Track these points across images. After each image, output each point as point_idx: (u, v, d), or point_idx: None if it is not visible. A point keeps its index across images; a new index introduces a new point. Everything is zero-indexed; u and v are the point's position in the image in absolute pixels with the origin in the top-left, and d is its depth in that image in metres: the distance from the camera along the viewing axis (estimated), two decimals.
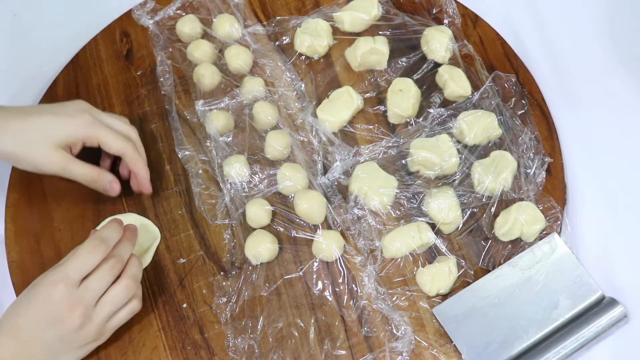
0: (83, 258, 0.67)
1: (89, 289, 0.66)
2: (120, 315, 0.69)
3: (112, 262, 0.68)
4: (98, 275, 0.67)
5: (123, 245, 0.70)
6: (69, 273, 0.66)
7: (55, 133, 0.73)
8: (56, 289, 0.65)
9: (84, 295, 0.66)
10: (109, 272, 0.68)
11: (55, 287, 0.65)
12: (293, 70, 0.85)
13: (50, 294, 0.65)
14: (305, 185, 0.78)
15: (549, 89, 0.83)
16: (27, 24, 0.96)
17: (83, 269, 0.66)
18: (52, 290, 0.65)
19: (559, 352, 0.68)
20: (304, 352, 0.71)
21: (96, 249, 0.67)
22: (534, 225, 0.73)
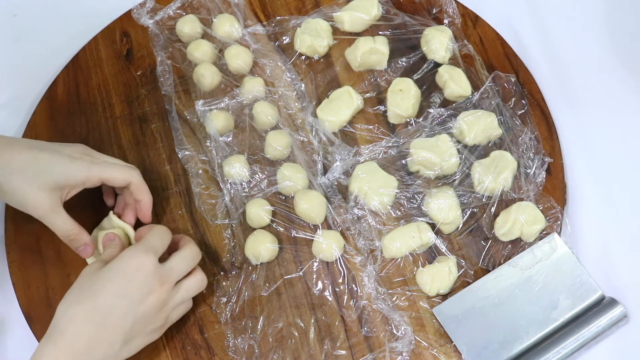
0: (161, 236, 0.67)
1: (173, 269, 0.66)
2: (179, 310, 0.69)
3: (194, 252, 0.69)
4: (181, 257, 0.67)
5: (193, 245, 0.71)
6: (155, 246, 0.66)
7: (53, 173, 0.70)
8: (148, 258, 0.64)
9: (170, 273, 0.66)
10: (192, 258, 0.68)
11: (147, 256, 0.64)
12: (293, 70, 0.85)
13: (143, 264, 0.64)
14: (305, 185, 0.78)
15: (549, 89, 0.83)
16: (27, 24, 0.96)
17: (162, 246, 0.67)
18: (144, 260, 0.64)
19: (559, 352, 0.68)
20: (304, 352, 0.71)
21: (166, 231, 0.69)
22: (534, 225, 0.73)
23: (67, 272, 0.77)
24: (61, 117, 0.86)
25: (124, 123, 0.85)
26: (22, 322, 0.75)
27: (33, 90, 0.90)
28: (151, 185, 0.81)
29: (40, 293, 0.76)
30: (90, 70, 0.89)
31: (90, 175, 0.72)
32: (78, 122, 0.86)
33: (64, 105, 0.87)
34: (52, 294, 0.76)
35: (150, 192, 0.76)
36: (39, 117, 0.87)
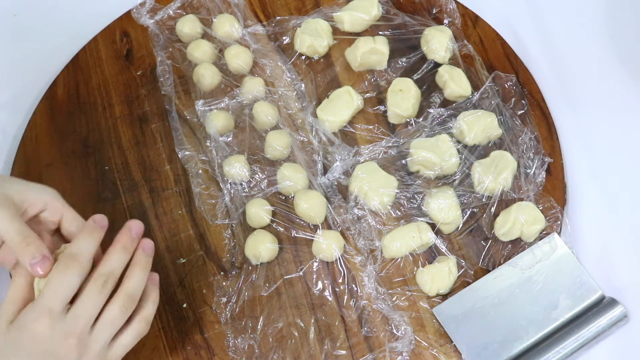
0: (57, 282, 0.57)
1: (79, 316, 0.57)
2: (123, 341, 0.60)
3: (101, 280, 0.58)
4: (85, 298, 0.58)
5: (112, 257, 0.60)
6: (48, 303, 0.57)
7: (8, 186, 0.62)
8: (39, 324, 0.56)
9: (74, 323, 0.57)
10: (99, 292, 0.58)
11: (38, 323, 0.56)
12: (293, 70, 0.85)
13: (34, 333, 0.56)
14: (305, 185, 0.78)
15: (549, 89, 0.83)
16: (27, 24, 0.96)
17: (62, 295, 0.57)
18: (35, 328, 0.56)
19: (559, 352, 0.68)
20: (304, 352, 0.71)
21: (68, 268, 0.57)
22: (534, 225, 0.73)
23: None
24: (61, 117, 0.86)
25: (124, 123, 0.85)
26: None
27: (33, 90, 0.90)
28: (151, 185, 0.81)
29: None
30: (90, 70, 0.89)
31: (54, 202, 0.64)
32: (78, 122, 0.86)
33: (64, 105, 0.87)
34: None
35: None
36: (39, 117, 0.87)
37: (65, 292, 0.57)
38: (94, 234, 0.61)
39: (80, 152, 0.84)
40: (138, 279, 0.61)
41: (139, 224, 0.63)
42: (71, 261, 0.58)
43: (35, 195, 0.63)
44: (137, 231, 0.63)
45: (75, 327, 0.57)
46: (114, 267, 0.60)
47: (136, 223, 0.63)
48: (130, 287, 0.60)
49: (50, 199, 0.64)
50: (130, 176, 0.82)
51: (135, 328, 0.61)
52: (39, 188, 0.65)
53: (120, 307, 0.59)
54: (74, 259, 0.58)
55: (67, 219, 0.65)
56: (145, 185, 0.81)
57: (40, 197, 0.64)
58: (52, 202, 0.64)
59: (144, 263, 0.62)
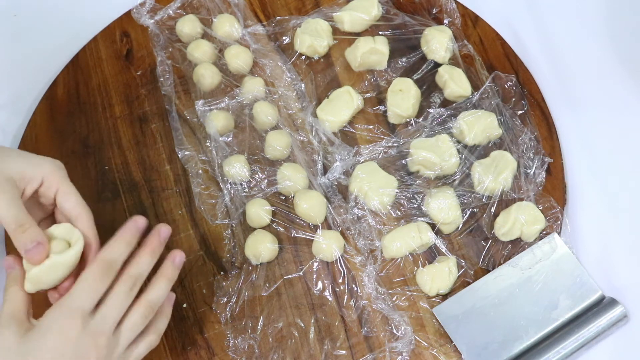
0: (91, 285, 0.58)
1: (107, 316, 0.58)
2: (138, 350, 0.61)
3: (129, 283, 0.59)
4: (114, 300, 0.59)
5: (141, 261, 0.61)
6: (81, 304, 0.57)
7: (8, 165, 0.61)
8: (72, 324, 0.57)
9: (103, 324, 0.58)
10: (127, 295, 0.59)
11: (70, 323, 0.57)
12: (293, 70, 0.85)
13: (66, 332, 0.57)
14: (305, 185, 0.78)
15: (549, 89, 0.83)
16: (27, 24, 0.96)
17: (94, 297, 0.58)
18: (66, 328, 0.57)
19: (559, 352, 0.68)
20: (304, 352, 0.71)
21: (105, 274, 0.59)
22: (534, 225, 0.73)
23: None
24: (61, 117, 0.86)
25: (124, 123, 0.85)
26: None
27: (33, 90, 0.90)
28: (151, 185, 0.81)
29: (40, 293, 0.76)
30: (90, 70, 0.89)
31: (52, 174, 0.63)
32: (78, 122, 0.86)
33: (64, 105, 0.87)
34: None
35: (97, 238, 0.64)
36: (39, 117, 0.87)
37: (97, 295, 0.58)
38: (131, 240, 0.61)
39: (80, 152, 0.84)
40: (162, 290, 0.62)
41: (168, 228, 0.64)
42: (108, 268, 0.59)
43: (33, 171, 0.63)
44: (165, 235, 0.63)
45: (104, 327, 0.58)
46: (142, 270, 0.61)
47: (165, 227, 0.64)
48: (154, 296, 0.61)
49: (48, 172, 0.63)
50: (130, 176, 0.82)
51: (149, 339, 0.62)
52: (39, 162, 0.64)
53: (141, 314, 0.60)
54: (111, 267, 0.59)
55: (61, 194, 0.64)
56: (145, 185, 0.81)
57: (39, 171, 0.63)
58: (48, 176, 0.63)
59: (171, 275, 0.63)
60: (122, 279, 0.60)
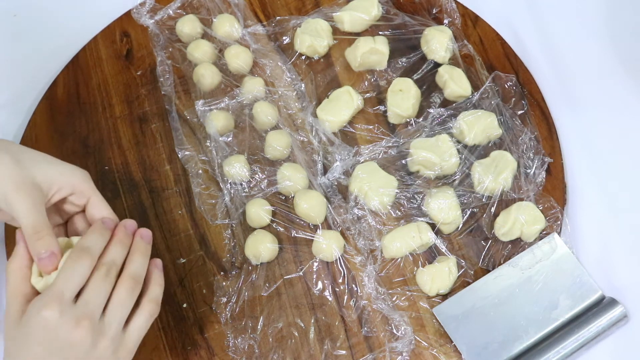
0: (67, 272, 0.58)
1: (88, 302, 0.58)
2: (136, 323, 0.61)
3: (104, 269, 0.60)
4: (92, 285, 0.59)
5: (112, 249, 0.61)
6: (59, 292, 0.57)
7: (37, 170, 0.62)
8: (50, 313, 0.56)
9: (85, 309, 0.58)
10: (104, 280, 0.59)
11: (48, 311, 0.56)
12: (293, 70, 0.85)
13: (45, 322, 0.56)
14: (305, 185, 0.78)
15: (549, 89, 0.83)
16: (27, 24, 0.96)
17: (72, 283, 0.58)
18: (46, 317, 0.56)
19: (559, 352, 0.68)
20: (304, 352, 0.71)
21: (80, 259, 0.59)
22: (534, 225, 0.73)
23: None
24: (61, 117, 0.86)
25: (124, 123, 0.85)
26: None
27: (33, 90, 0.90)
28: (151, 186, 0.81)
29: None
30: (90, 70, 0.89)
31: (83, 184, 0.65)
32: (78, 122, 0.86)
33: (64, 105, 0.87)
34: None
35: None
36: (39, 117, 0.87)
37: (76, 281, 0.58)
38: (104, 232, 0.62)
39: (80, 152, 0.84)
40: (138, 262, 0.62)
41: (133, 222, 0.65)
42: (83, 253, 0.59)
43: (64, 179, 0.64)
44: (131, 228, 0.64)
45: (85, 312, 0.58)
46: (115, 257, 0.61)
47: (130, 221, 0.64)
48: (132, 269, 0.61)
49: (79, 182, 0.65)
50: (130, 176, 0.82)
51: (146, 309, 0.62)
52: (69, 171, 0.65)
53: (126, 289, 0.60)
54: (86, 252, 0.59)
55: (93, 204, 0.65)
56: (145, 185, 0.81)
57: (69, 181, 0.64)
58: (80, 185, 0.65)
59: (143, 249, 0.63)
60: (96, 267, 0.60)
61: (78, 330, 0.57)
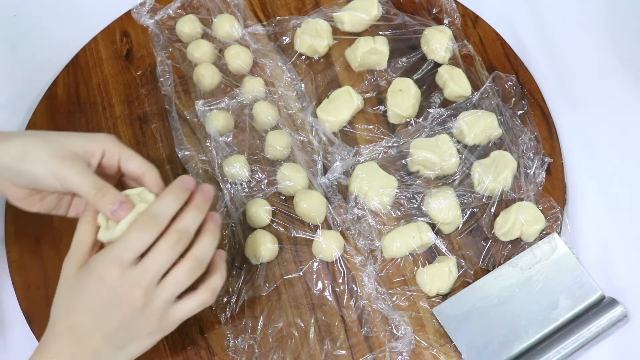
0: (134, 236, 0.59)
1: (148, 268, 0.59)
2: (186, 305, 0.62)
3: (175, 237, 0.60)
4: (156, 252, 0.59)
5: (187, 216, 0.61)
6: (120, 253, 0.59)
7: (69, 141, 0.64)
8: (109, 271, 0.59)
9: (143, 275, 0.59)
10: (171, 249, 0.60)
11: (108, 269, 0.59)
12: (293, 70, 0.85)
13: (103, 278, 0.59)
14: (305, 185, 0.78)
15: (549, 89, 0.83)
16: (27, 24, 0.96)
17: (135, 248, 0.59)
18: (105, 274, 0.59)
19: (559, 352, 0.68)
20: (304, 352, 0.71)
21: (148, 226, 0.59)
22: (534, 225, 0.73)
23: None
24: (61, 117, 0.86)
25: (124, 123, 0.85)
26: (22, 322, 0.75)
27: (33, 90, 0.90)
28: None
29: (40, 293, 0.76)
30: (90, 70, 0.89)
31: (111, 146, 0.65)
32: (78, 122, 0.86)
33: (64, 105, 0.87)
34: (52, 294, 0.75)
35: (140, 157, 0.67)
36: (39, 117, 0.87)
37: (139, 247, 0.59)
38: (179, 196, 0.62)
39: None
40: (208, 245, 0.62)
41: (212, 188, 0.64)
42: (151, 220, 0.60)
43: (93, 144, 0.65)
44: (209, 194, 0.64)
45: (142, 279, 0.59)
46: (189, 225, 0.61)
47: (209, 187, 0.64)
48: (200, 251, 0.62)
49: (107, 144, 0.66)
50: None
51: (201, 296, 0.62)
52: (96, 136, 0.66)
53: (187, 269, 0.61)
54: (155, 219, 0.60)
55: (125, 158, 0.66)
56: None
57: (99, 143, 0.65)
58: (108, 146, 0.66)
59: (214, 231, 0.63)
60: (168, 233, 0.60)
61: (132, 294, 0.59)
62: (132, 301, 0.59)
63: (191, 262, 0.61)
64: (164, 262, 0.60)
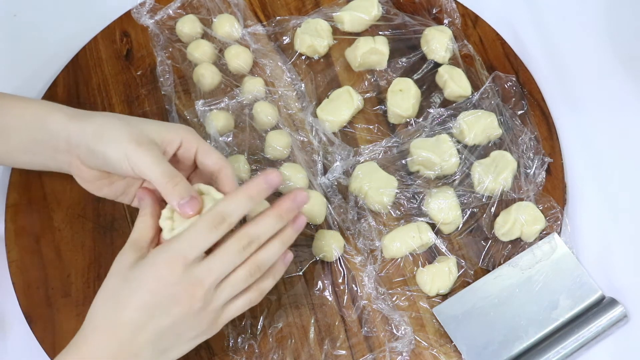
0: (201, 235, 0.57)
1: (212, 269, 0.57)
2: (236, 305, 0.60)
3: (245, 242, 0.58)
4: (223, 254, 0.58)
5: (264, 223, 0.59)
6: (185, 250, 0.57)
7: (148, 127, 0.63)
8: (173, 268, 0.56)
9: (206, 275, 0.57)
10: (239, 253, 0.58)
11: (170, 265, 0.56)
12: (293, 70, 0.85)
13: (164, 276, 0.56)
14: (305, 185, 0.78)
15: (549, 89, 0.83)
16: (27, 24, 0.95)
17: (201, 246, 0.57)
18: (166, 270, 0.56)
19: (559, 352, 0.68)
20: (304, 352, 0.71)
21: (215, 228, 0.57)
22: (534, 225, 0.73)
23: (67, 272, 0.77)
24: None
25: None
26: (22, 322, 0.75)
27: (33, 90, 0.89)
28: None
29: (40, 293, 0.76)
30: (90, 70, 0.89)
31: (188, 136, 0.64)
32: None
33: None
34: (52, 294, 0.76)
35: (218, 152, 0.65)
36: None
37: (205, 246, 0.58)
38: (256, 197, 0.59)
39: None
40: (273, 252, 0.60)
41: (305, 195, 0.61)
42: (221, 220, 0.57)
43: (172, 133, 0.64)
44: (301, 202, 0.61)
45: (205, 279, 0.57)
46: (262, 233, 0.59)
47: (302, 194, 0.61)
48: (264, 256, 0.60)
49: (185, 134, 0.65)
50: None
51: (249, 296, 0.61)
52: (175, 126, 0.66)
53: (246, 274, 0.59)
54: (224, 220, 0.58)
55: (202, 152, 0.65)
56: None
57: (177, 133, 0.64)
58: (186, 136, 0.65)
59: (287, 239, 0.61)
60: (237, 236, 0.58)
61: (191, 294, 0.57)
62: (191, 301, 0.57)
63: (252, 267, 0.59)
64: (229, 265, 0.58)
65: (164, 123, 0.66)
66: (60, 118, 0.67)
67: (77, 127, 0.65)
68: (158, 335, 0.58)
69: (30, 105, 0.69)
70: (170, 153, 0.64)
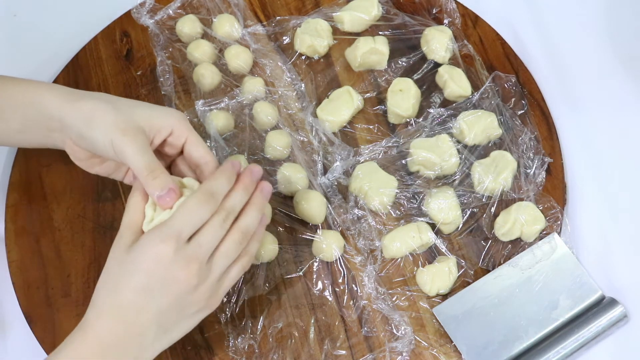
0: (192, 212, 0.59)
1: (201, 245, 0.60)
2: (231, 274, 0.63)
3: (223, 215, 0.61)
4: (209, 229, 0.60)
5: (235, 195, 0.62)
6: (179, 229, 0.59)
7: (138, 113, 0.64)
8: (167, 247, 0.58)
9: (197, 251, 0.59)
10: (221, 226, 0.61)
11: (165, 245, 0.58)
12: (293, 70, 0.85)
13: (160, 255, 0.58)
14: (305, 185, 0.78)
15: (549, 89, 0.83)
16: (27, 24, 0.96)
17: (194, 223, 0.59)
18: (162, 250, 0.58)
19: (559, 352, 0.68)
20: (304, 352, 0.71)
21: (206, 203, 0.60)
22: (534, 225, 0.73)
23: (67, 272, 0.77)
24: None
25: None
26: (22, 322, 0.75)
27: None
28: None
29: (40, 293, 0.76)
30: (90, 70, 0.89)
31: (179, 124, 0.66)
32: None
33: None
34: (52, 294, 0.76)
35: None
36: None
37: (197, 223, 0.60)
38: (230, 177, 0.63)
39: None
40: (252, 218, 0.63)
41: (260, 168, 0.66)
42: (209, 198, 0.60)
43: (162, 121, 0.65)
44: (257, 175, 0.65)
45: (197, 254, 0.59)
46: (235, 204, 0.62)
47: (257, 168, 0.65)
48: (245, 224, 0.63)
49: (177, 122, 0.66)
50: None
51: (240, 263, 0.64)
52: (166, 112, 0.66)
53: (234, 241, 0.62)
54: (212, 197, 0.60)
55: (191, 143, 0.66)
56: None
57: (168, 121, 0.66)
58: (177, 125, 0.66)
59: (260, 205, 0.65)
60: (217, 211, 0.61)
61: (187, 271, 0.59)
62: (188, 277, 0.59)
63: (237, 235, 0.62)
64: (215, 238, 0.61)
65: (156, 108, 0.67)
66: (55, 98, 0.67)
67: (70, 109, 0.66)
68: (160, 314, 0.60)
69: (25, 86, 0.71)
70: (158, 141, 0.66)
